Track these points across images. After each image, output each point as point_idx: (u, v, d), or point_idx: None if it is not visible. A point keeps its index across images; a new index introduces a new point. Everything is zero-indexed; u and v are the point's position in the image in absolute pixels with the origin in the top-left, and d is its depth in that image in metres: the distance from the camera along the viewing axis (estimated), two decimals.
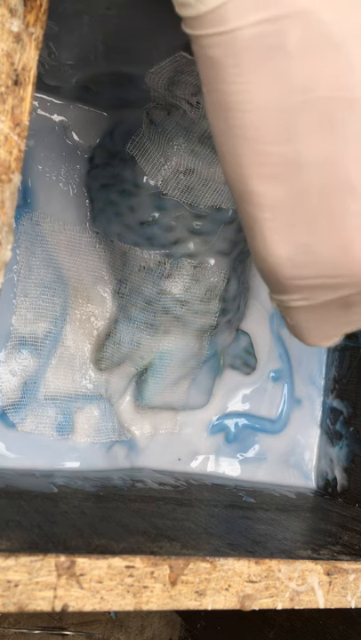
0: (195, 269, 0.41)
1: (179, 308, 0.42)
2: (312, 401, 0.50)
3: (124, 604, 0.24)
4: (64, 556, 0.23)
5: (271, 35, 0.19)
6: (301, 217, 0.22)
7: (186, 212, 0.39)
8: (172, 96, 0.35)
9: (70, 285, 0.42)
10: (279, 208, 0.22)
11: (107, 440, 0.42)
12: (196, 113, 0.35)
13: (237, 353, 0.47)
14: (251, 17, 0.19)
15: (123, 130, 0.40)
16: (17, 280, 0.40)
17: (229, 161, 0.22)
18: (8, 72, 0.22)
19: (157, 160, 0.38)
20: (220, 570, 0.26)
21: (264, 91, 0.20)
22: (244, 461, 0.47)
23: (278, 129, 0.20)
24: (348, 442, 0.47)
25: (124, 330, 0.42)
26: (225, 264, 0.42)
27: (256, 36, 0.19)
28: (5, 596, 0.22)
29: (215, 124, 0.22)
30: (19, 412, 0.39)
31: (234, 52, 0.20)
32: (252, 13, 0.19)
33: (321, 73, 0.20)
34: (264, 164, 0.21)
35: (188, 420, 0.45)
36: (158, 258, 0.40)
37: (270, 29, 0.19)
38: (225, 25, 0.19)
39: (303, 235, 0.22)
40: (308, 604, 0.28)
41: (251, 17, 0.19)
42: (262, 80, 0.20)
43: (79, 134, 0.42)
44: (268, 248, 0.23)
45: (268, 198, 0.22)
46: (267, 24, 0.19)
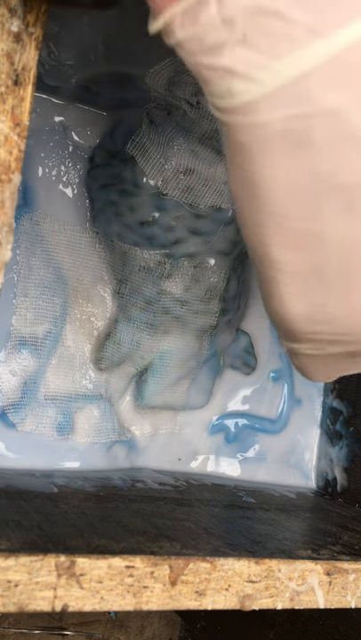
0: (195, 269, 0.41)
1: (179, 308, 0.42)
2: (312, 401, 0.50)
3: (124, 604, 0.24)
4: (64, 556, 0.23)
5: (300, 129, 0.20)
6: (320, 285, 0.23)
7: (186, 212, 0.39)
8: (172, 96, 0.35)
9: (70, 285, 0.42)
10: (298, 274, 0.23)
11: (107, 440, 0.42)
12: (196, 113, 0.35)
13: (237, 353, 0.47)
14: (281, 113, 0.20)
15: (123, 130, 0.40)
16: (17, 280, 0.40)
17: (251, 228, 0.23)
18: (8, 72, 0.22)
19: (157, 160, 0.38)
20: (220, 570, 0.26)
21: (291, 175, 0.21)
22: (244, 461, 0.47)
23: (303, 208, 0.21)
24: (348, 442, 0.47)
25: (124, 330, 0.42)
26: (225, 264, 0.42)
27: (285, 129, 0.20)
28: (5, 596, 0.22)
29: (239, 193, 0.23)
30: (19, 412, 0.39)
31: (263, 141, 0.21)
32: (283, 110, 0.20)
33: (346, 164, 0.20)
34: (287, 236, 0.22)
35: (188, 419, 0.45)
36: (158, 258, 0.40)
37: (299, 125, 0.20)
38: (255, 117, 0.20)
39: (319, 297, 0.23)
40: (308, 603, 0.28)
41: (281, 113, 0.20)
42: (289, 166, 0.21)
43: (79, 134, 0.42)
44: (285, 306, 0.24)
45: (288, 265, 0.23)
46: (296, 120, 0.20)
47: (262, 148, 0.21)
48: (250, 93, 0.20)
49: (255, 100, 0.20)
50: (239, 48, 0.19)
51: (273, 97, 0.20)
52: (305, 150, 0.20)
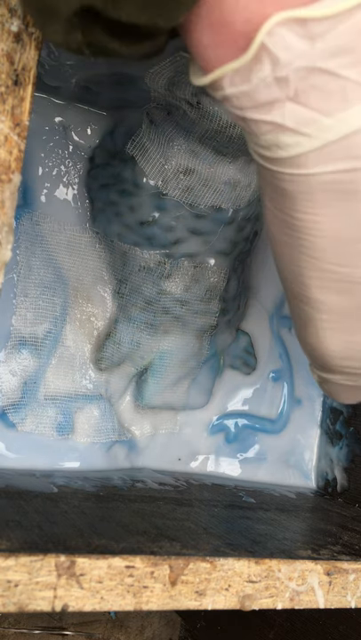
0: (195, 269, 0.41)
1: (179, 308, 0.42)
2: (312, 401, 0.50)
3: (124, 604, 0.24)
4: (64, 556, 0.23)
5: (347, 182, 0.20)
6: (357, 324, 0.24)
7: (186, 212, 0.39)
8: (172, 96, 0.35)
9: (70, 285, 0.42)
10: (337, 313, 0.24)
11: (107, 440, 0.42)
12: (196, 113, 0.35)
13: (237, 353, 0.47)
14: (329, 167, 0.20)
15: (123, 130, 0.40)
16: (17, 280, 0.40)
17: (289, 268, 0.24)
18: (8, 72, 0.22)
19: (157, 160, 0.38)
20: (220, 570, 0.26)
21: (334, 224, 0.21)
22: (244, 461, 0.47)
23: (345, 255, 0.22)
24: (348, 442, 0.47)
25: (124, 330, 0.42)
26: (225, 264, 0.42)
27: (332, 181, 0.20)
28: (5, 596, 0.22)
29: (278, 234, 0.23)
30: (19, 412, 0.39)
31: (308, 191, 0.21)
32: (331, 164, 0.20)
33: None
34: (327, 279, 0.23)
35: (188, 420, 0.45)
36: (158, 258, 0.40)
37: (347, 178, 0.20)
38: (303, 169, 0.21)
39: (356, 335, 0.24)
40: (308, 604, 0.28)
41: (329, 167, 0.20)
42: (334, 215, 0.21)
43: (79, 134, 0.42)
44: (321, 342, 0.25)
45: (326, 305, 0.24)
46: (344, 174, 0.20)
47: (307, 198, 0.21)
48: (299, 147, 0.20)
49: (304, 154, 0.20)
50: (290, 104, 0.20)
51: (322, 151, 0.20)
52: (350, 201, 0.21)
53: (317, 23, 0.18)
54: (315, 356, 0.26)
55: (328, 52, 0.19)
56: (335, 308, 0.24)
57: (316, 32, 0.18)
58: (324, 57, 0.19)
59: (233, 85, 0.20)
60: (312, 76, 0.19)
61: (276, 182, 0.22)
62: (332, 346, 0.25)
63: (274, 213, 0.23)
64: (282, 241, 0.23)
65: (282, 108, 0.20)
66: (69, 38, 0.20)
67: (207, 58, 0.20)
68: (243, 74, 0.19)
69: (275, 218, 0.23)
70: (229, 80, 0.20)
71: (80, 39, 0.20)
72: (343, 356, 0.25)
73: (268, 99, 0.20)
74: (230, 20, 0.19)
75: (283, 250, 0.23)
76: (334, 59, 0.19)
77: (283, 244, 0.23)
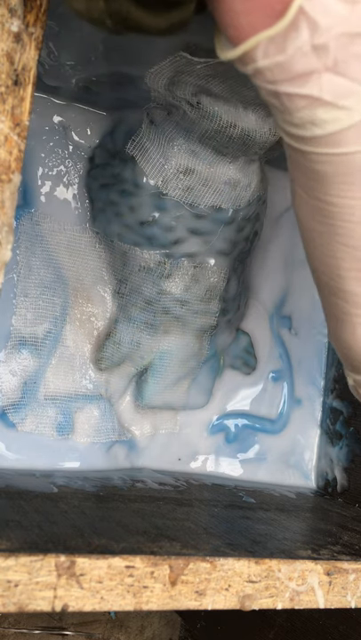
0: (195, 269, 0.41)
1: (179, 308, 0.42)
2: (312, 401, 0.50)
3: (124, 604, 0.24)
4: (64, 556, 0.23)
5: None
6: None
7: (186, 211, 0.39)
8: (172, 96, 0.35)
9: (70, 285, 0.42)
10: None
11: (107, 440, 0.42)
12: (196, 113, 0.35)
13: (237, 353, 0.47)
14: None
15: (123, 130, 0.40)
16: (17, 280, 0.40)
17: (323, 259, 0.22)
18: (8, 72, 0.22)
19: (157, 160, 0.38)
20: (220, 570, 0.26)
21: None
22: (244, 461, 0.47)
23: None
24: (348, 442, 0.47)
25: (124, 330, 0.42)
26: (225, 264, 0.42)
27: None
28: (5, 596, 0.22)
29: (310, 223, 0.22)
30: (19, 412, 0.39)
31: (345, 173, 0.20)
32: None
33: None
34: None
35: (188, 420, 0.45)
36: (158, 258, 0.40)
37: None
38: (341, 148, 0.19)
39: None
40: (308, 604, 0.28)
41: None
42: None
43: (79, 134, 0.42)
44: (357, 340, 0.24)
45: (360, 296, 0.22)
46: None
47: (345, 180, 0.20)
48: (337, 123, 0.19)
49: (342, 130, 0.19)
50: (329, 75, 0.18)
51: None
52: None
53: None
54: (350, 357, 0.25)
55: None
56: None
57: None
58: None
59: (267, 56, 0.18)
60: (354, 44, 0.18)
61: (310, 165, 0.20)
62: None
63: (305, 200, 0.21)
64: (315, 230, 0.22)
65: (319, 79, 0.18)
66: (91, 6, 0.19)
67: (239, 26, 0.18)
68: (278, 42, 0.18)
69: (307, 206, 0.22)
70: (263, 50, 0.18)
71: (102, 6, 0.19)
72: None
73: (304, 69, 0.18)
74: None
75: (315, 240, 0.22)
76: None
77: (316, 233, 0.22)
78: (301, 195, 0.22)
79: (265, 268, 0.48)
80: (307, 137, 0.20)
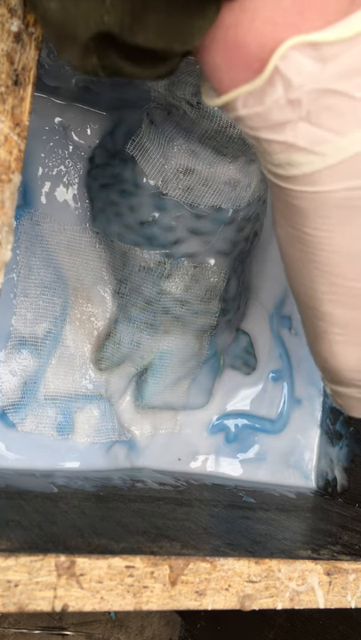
0: (195, 269, 0.41)
1: (179, 308, 0.42)
2: (312, 401, 0.50)
3: (124, 604, 0.24)
4: (64, 556, 0.23)
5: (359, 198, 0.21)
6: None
7: (186, 211, 0.39)
8: (172, 96, 0.35)
9: (70, 285, 0.42)
10: (351, 328, 0.24)
11: (107, 440, 0.42)
12: (196, 113, 0.35)
13: (237, 353, 0.47)
14: (342, 184, 0.20)
15: (123, 130, 0.40)
16: (17, 280, 0.40)
17: (302, 282, 0.24)
18: (8, 72, 0.22)
19: (157, 160, 0.38)
20: (220, 570, 0.26)
21: (347, 240, 0.22)
22: (244, 461, 0.47)
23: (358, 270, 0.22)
24: (348, 442, 0.47)
25: (124, 330, 0.42)
26: (225, 264, 0.42)
27: (344, 198, 0.21)
28: (5, 596, 0.22)
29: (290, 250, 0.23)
30: (19, 412, 0.39)
31: (321, 208, 0.21)
32: (344, 181, 0.20)
33: None
34: (341, 294, 0.23)
35: (188, 420, 0.45)
36: (158, 258, 0.40)
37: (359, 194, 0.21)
38: (316, 187, 0.21)
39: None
40: (308, 604, 0.28)
41: (342, 184, 0.20)
42: (346, 232, 0.21)
43: (79, 134, 0.42)
44: (334, 356, 0.25)
45: (340, 319, 0.24)
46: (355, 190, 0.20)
47: (321, 215, 0.21)
48: (312, 165, 0.20)
49: (317, 172, 0.20)
50: (303, 125, 0.20)
51: (335, 169, 0.20)
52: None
53: (330, 47, 0.18)
54: (328, 370, 0.26)
55: (339, 74, 0.19)
56: (348, 322, 0.24)
57: (328, 55, 0.19)
58: (335, 79, 0.19)
59: (246, 107, 0.20)
60: (324, 98, 0.19)
61: (289, 199, 0.22)
62: (346, 359, 0.25)
63: (286, 230, 0.23)
64: (295, 256, 0.23)
65: (294, 128, 0.20)
66: (86, 62, 0.20)
67: (221, 80, 0.20)
68: (256, 96, 0.20)
69: (287, 234, 0.23)
70: (242, 102, 0.20)
71: (95, 62, 0.20)
72: (357, 369, 0.25)
73: (280, 120, 0.20)
74: (245, 44, 0.19)
75: (295, 265, 0.24)
76: (346, 80, 0.19)
77: (295, 259, 0.23)
78: (282, 223, 0.23)
79: (265, 268, 0.48)
80: (286, 176, 0.21)
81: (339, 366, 0.25)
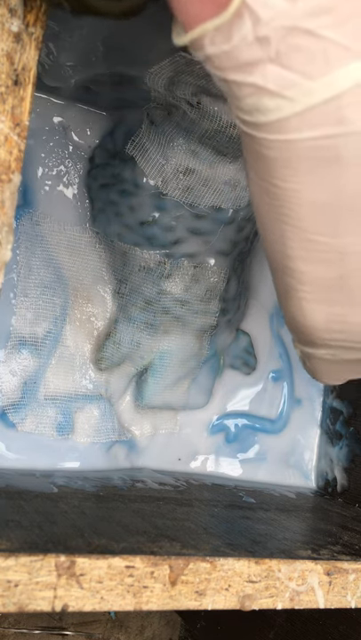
0: (195, 269, 0.41)
1: (179, 308, 0.42)
2: (312, 401, 0.50)
3: (124, 604, 0.24)
4: (64, 556, 0.23)
5: (329, 148, 0.20)
6: (340, 295, 0.23)
7: (186, 211, 0.39)
8: (172, 96, 0.35)
9: (70, 285, 0.42)
10: (319, 285, 0.23)
11: (107, 440, 0.42)
12: (196, 113, 0.35)
13: (237, 353, 0.47)
14: (311, 132, 0.20)
15: (123, 130, 0.40)
16: (17, 280, 0.40)
17: (271, 238, 0.23)
18: (8, 72, 0.22)
19: (157, 160, 0.38)
20: (220, 570, 0.26)
21: (316, 192, 0.21)
22: (244, 461, 0.47)
23: (325, 223, 0.22)
24: (348, 442, 0.47)
25: (124, 330, 0.42)
26: (225, 264, 0.42)
27: (313, 147, 0.20)
28: (5, 596, 0.22)
29: (260, 204, 0.23)
30: (19, 412, 0.39)
31: (290, 158, 0.20)
32: (313, 129, 0.20)
33: None
34: (310, 249, 0.22)
35: (188, 420, 0.45)
36: (158, 258, 0.40)
37: (329, 144, 0.20)
38: (284, 135, 0.20)
39: (340, 307, 0.24)
40: (308, 604, 0.28)
41: (311, 132, 0.20)
42: (315, 183, 0.21)
43: (79, 134, 0.42)
44: (304, 314, 0.24)
45: (309, 276, 0.23)
46: (326, 139, 0.20)
47: (289, 165, 0.21)
48: (281, 111, 0.20)
49: (286, 118, 0.20)
50: (272, 66, 0.19)
51: (304, 116, 0.20)
52: (332, 169, 0.20)
53: None
54: (298, 330, 0.26)
55: (311, 11, 0.18)
56: (317, 278, 0.23)
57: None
58: (306, 16, 0.18)
59: (214, 44, 0.19)
60: (294, 36, 0.18)
61: (258, 149, 0.21)
62: (315, 318, 0.24)
63: (256, 182, 0.22)
64: (264, 211, 0.23)
65: (263, 69, 0.19)
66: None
67: (188, 15, 0.19)
68: (224, 32, 0.19)
69: (257, 187, 0.22)
70: (210, 39, 0.19)
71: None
72: (326, 328, 0.25)
73: (249, 59, 0.19)
74: None
75: (265, 220, 0.23)
76: (317, 18, 0.18)
77: (265, 214, 0.23)
78: (252, 177, 0.23)
79: (265, 268, 0.48)
80: (254, 123, 0.21)
81: (308, 325, 0.25)
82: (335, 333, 0.25)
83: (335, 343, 0.25)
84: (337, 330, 0.24)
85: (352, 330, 0.24)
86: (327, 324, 0.24)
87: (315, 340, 0.25)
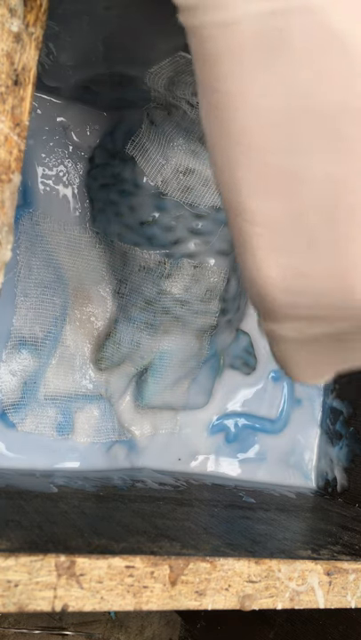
0: (195, 269, 0.41)
1: (179, 308, 0.42)
2: (312, 401, 0.50)
3: (124, 604, 0.24)
4: (64, 556, 0.23)
5: (274, 31, 0.17)
6: (298, 238, 0.20)
7: (186, 211, 0.39)
8: (172, 96, 0.35)
9: (70, 285, 0.42)
10: (275, 226, 0.20)
11: (107, 440, 0.42)
12: (196, 113, 0.35)
13: (237, 353, 0.47)
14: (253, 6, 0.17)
15: (123, 130, 0.40)
16: (17, 280, 0.40)
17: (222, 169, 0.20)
18: (8, 72, 0.22)
19: (157, 160, 0.38)
20: (220, 570, 0.26)
21: (264, 92, 0.18)
22: (244, 461, 0.47)
23: (278, 136, 0.19)
24: (348, 442, 0.47)
25: (124, 330, 0.42)
26: (225, 264, 0.42)
27: (259, 32, 0.18)
28: (5, 596, 0.22)
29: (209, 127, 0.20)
30: (19, 412, 0.39)
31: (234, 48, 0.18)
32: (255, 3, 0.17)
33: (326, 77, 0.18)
34: (261, 176, 0.19)
35: (188, 419, 0.45)
36: (158, 258, 0.40)
37: (274, 25, 0.17)
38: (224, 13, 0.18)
39: (298, 258, 0.20)
40: (308, 604, 0.28)
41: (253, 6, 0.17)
42: (263, 80, 0.18)
43: (79, 134, 0.42)
44: (260, 269, 0.21)
45: (262, 215, 0.20)
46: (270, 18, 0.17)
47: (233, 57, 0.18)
48: None
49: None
50: None
51: None
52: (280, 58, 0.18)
53: None
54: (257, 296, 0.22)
55: None
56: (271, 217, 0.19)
57: None
58: None
59: None
60: None
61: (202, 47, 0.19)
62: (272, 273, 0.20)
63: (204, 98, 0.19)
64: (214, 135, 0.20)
65: None
66: None
67: None
68: None
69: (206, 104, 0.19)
70: None
71: None
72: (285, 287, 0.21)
73: None
74: None
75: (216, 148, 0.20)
76: None
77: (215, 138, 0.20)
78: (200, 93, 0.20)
79: None
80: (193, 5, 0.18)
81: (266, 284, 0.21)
82: (295, 295, 0.21)
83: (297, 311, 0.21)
84: (297, 289, 0.20)
85: (314, 288, 0.20)
86: (286, 281, 0.20)
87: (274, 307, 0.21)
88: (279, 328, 0.22)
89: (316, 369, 0.24)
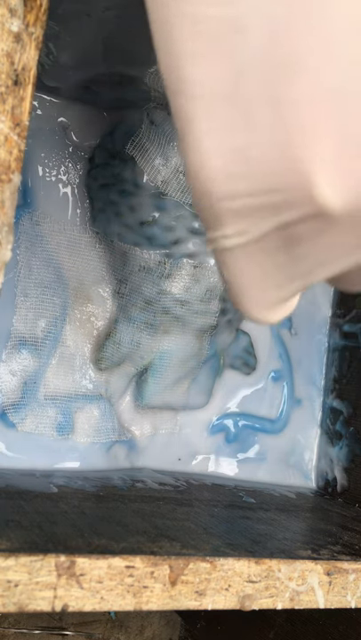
0: (195, 269, 0.41)
1: (179, 308, 0.42)
2: (312, 401, 0.50)
3: (124, 604, 0.24)
4: (64, 556, 0.23)
5: None
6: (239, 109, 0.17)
7: (186, 211, 0.39)
8: None
9: (70, 285, 0.42)
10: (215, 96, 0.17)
11: (107, 440, 0.42)
12: None
13: (237, 353, 0.47)
14: None
15: (123, 130, 0.40)
16: (17, 280, 0.40)
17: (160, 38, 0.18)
18: (8, 72, 0.22)
19: (157, 160, 0.38)
20: (220, 570, 0.26)
21: None
22: (243, 461, 0.47)
23: None
24: (348, 442, 0.47)
25: (124, 330, 0.42)
26: None
27: None
28: (5, 596, 0.22)
29: None
30: (19, 412, 0.39)
31: None
32: None
33: None
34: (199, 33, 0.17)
35: (188, 419, 0.45)
36: (158, 258, 0.40)
37: None
38: None
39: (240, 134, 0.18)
40: (308, 604, 0.28)
41: None
42: None
43: (79, 134, 0.42)
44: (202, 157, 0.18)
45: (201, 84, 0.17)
46: None
47: None
48: None
49: None
50: None
51: None
52: None
53: None
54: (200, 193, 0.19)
55: None
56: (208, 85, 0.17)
57: None
58: None
59: None
60: None
61: None
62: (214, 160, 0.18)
63: None
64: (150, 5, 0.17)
65: None
66: None
67: None
68: None
69: None
70: None
71: None
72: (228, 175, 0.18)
73: None
74: None
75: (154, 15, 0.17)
76: None
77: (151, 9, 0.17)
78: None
79: None
80: None
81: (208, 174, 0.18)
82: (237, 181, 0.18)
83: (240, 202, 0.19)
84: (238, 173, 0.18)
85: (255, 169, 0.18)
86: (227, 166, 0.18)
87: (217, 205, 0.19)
88: (223, 235, 0.20)
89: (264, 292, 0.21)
